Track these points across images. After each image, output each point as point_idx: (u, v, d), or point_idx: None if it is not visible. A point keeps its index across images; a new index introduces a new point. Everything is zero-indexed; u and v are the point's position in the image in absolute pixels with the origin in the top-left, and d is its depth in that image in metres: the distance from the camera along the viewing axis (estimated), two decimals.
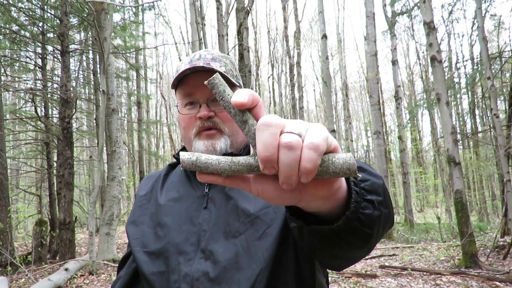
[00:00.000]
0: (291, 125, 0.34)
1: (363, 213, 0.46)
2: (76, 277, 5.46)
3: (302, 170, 0.32)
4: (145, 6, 10.75)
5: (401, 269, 5.24)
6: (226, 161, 0.35)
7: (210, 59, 0.80)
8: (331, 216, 0.47)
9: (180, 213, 0.80)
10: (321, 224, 0.47)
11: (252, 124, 0.36)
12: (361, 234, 0.48)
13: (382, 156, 9.70)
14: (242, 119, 0.36)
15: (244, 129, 0.36)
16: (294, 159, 0.32)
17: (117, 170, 7.05)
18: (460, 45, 21.22)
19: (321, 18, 9.30)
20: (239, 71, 4.50)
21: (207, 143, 0.78)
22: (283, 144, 0.32)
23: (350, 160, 0.33)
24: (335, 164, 0.33)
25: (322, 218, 0.48)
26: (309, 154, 0.32)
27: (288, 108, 20.74)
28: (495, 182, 13.69)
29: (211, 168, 0.35)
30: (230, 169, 0.35)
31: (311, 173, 0.32)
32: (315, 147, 0.32)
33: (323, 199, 0.40)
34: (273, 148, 0.32)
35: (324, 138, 0.33)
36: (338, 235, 0.47)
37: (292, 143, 0.32)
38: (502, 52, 7.68)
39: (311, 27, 25.17)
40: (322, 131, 0.34)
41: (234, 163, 0.35)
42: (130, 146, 15.78)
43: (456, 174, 5.19)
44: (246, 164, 0.35)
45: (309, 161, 0.32)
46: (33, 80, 10.00)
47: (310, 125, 0.35)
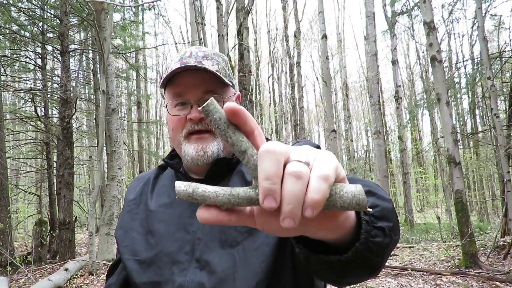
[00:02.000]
0: (298, 153, 0.32)
1: (373, 242, 0.44)
2: (76, 277, 5.46)
3: (309, 202, 0.29)
4: (145, 6, 10.76)
5: (401, 269, 5.24)
6: (225, 194, 0.33)
7: (201, 57, 0.75)
8: (340, 244, 0.44)
9: (172, 220, 0.75)
10: (329, 253, 0.45)
11: (252, 154, 0.33)
12: (370, 263, 0.45)
13: (382, 156, 9.70)
14: (240, 149, 0.33)
15: (244, 160, 0.33)
16: (301, 189, 0.29)
17: (117, 170, 7.05)
18: (460, 45, 21.23)
19: (321, 18, 9.30)
20: (239, 71, 4.54)
21: (198, 147, 0.73)
22: (291, 172, 0.29)
23: (360, 194, 0.31)
24: (343, 198, 0.31)
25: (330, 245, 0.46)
26: (318, 184, 0.29)
27: (288, 108, 20.73)
28: (495, 182, 13.69)
29: (208, 201, 0.33)
30: (229, 202, 0.33)
31: (318, 206, 0.29)
32: (325, 178, 0.30)
33: (331, 230, 0.37)
34: (277, 177, 0.30)
35: (333, 168, 0.31)
36: (347, 265, 0.44)
37: (301, 173, 0.29)
38: (502, 52, 7.68)
39: (311, 27, 25.18)
40: (332, 160, 0.32)
41: (233, 196, 0.33)
42: (130, 146, 15.78)
43: (456, 174, 5.18)
44: (246, 197, 0.33)
45: (318, 192, 0.29)
46: (33, 80, 10.01)
47: (318, 153, 0.33)
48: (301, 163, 0.30)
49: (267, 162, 0.30)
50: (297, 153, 0.32)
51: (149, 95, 16.44)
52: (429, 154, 22.83)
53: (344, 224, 0.38)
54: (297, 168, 0.30)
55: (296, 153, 0.32)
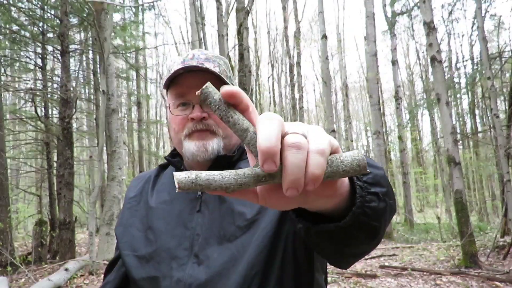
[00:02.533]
0: (294, 125, 0.34)
1: (369, 207, 0.45)
2: (76, 277, 5.46)
3: (310, 176, 0.31)
4: (145, 6, 10.76)
5: (401, 269, 5.25)
6: (231, 175, 0.32)
7: (203, 59, 0.77)
8: (337, 213, 0.46)
9: (172, 217, 0.77)
10: (327, 223, 0.46)
11: (253, 131, 0.33)
12: (369, 228, 0.47)
13: (382, 156, 9.71)
14: (242, 127, 0.34)
15: (246, 138, 0.34)
16: (302, 160, 0.30)
17: (117, 170, 7.05)
18: (460, 45, 21.25)
19: (321, 18, 9.31)
20: (239, 71, 4.55)
21: (199, 144, 0.74)
22: (291, 143, 0.31)
23: (359, 156, 0.32)
24: (345, 163, 0.32)
25: (327, 216, 0.47)
26: (317, 159, 0.31)
27: (288, 108, 20.74)
28: (495, 182, 13.69)
29: (214, 185, 0.32)
30: (236, 182, 0.32)
31: (319, 179, 0.31)
32: (321, 151, 0.31)
33: (328, 197, 0.39)
34: (276, 139, 0.30)
35: (327, 141, 0.33)
36: (346, 231, 0.46)
37: (301, 144, 0.31)
38: (502, 52, 7.68)
39: (311, 27, 25.18)
40: (324, 133, 0.34)
41: (239, 176, 0.32)
42: (130, 146, 15.78)
43: (456, 174, 5.19)
44: (253, 175, 0.32)
45: (317, 166, 0.31)
46: (33, 80, 10.01)
47: (310, 127, 0.34)
48: (299, 135, 0.32)
49: (266, 126, 0.31)
50: (294, 126, 0.33)
51: (149, 95, 16.44)
52: (429, 154, 22.84)
53: (340, 189, 0.40)
54: (297, 139, 0.31)
55: (292, 127, 0.33)
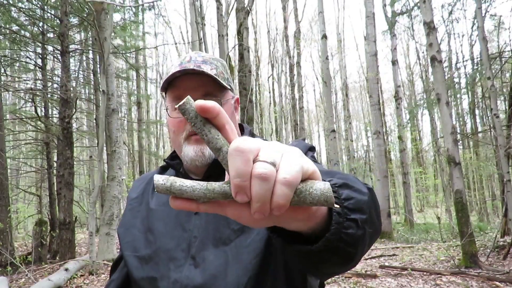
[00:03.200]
0: (265, 152, 0.33)
1: (346, 233, 0.45)
2: (76, 277, 5.46)
3: (275, 205, 0.32)
4: (145, 6, 10.76)
5: (401, 269, 5.25)
6: (201, 188, 0.35)
7: (201, 61, 0.79)
8: (314, 234, 0.45)
9: (171, 218, 0.79)
10: (303, 243, 0.46)
11: (226, 151, 0.34)
12: (343, 253, 0.47)
13: (382, 156, 9.70)
14: (216, 146, 0.35)
15: (219, 157, 0.35)
16: (267, 190, 0.31)
17: (117, 170, 7.05)
18: (460, 45, 21.26)
19: (321, 18, 9.30)
20: (239, 71, 4.55)
21: (196, 148, 0.76)
22: (256, 174, 0.31)
23: (328, 192, 0.33)
24: (312, 196, 0.33)
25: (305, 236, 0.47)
26: (282, 190, 0.31)
27: (288, 108, 20.74)
28: (495, 182, 13.70)
29: (185, 195, 0.35)
30: (205, 196, 0.35)
31: (283, 208, 0.32)
32: (288, 183, 0.31)
33: (302, 221, 0.39)
34: (246, 175, 0.32)
35: (298, 169, 0.33)
36: (319, 254, 0.46)
37: (266, 174, 0.31)
38: (502, 52, 7.68)
39: (311, 27, 25.18)
40: (297, 160, 0.33)
41: (209, 191, 0.34)
42: (130, 146, 15.78)
43: (456, 174, 5.19)
44: (221, 192, 0.34)
45: (282, 197, 0.31)
46: (33, 80, 10.01)
47: (285, 151, 0.34)
48: (266, 163, 0.32)
49: (236, 161, 0.32)
50: (265, 152, 0.33)
51: (149, 95, 16.44)
52: (429, 154, 22.84)
53: (315, 214, 0.40)
54: (263, 170, 0.31)
55: (264, 152, 0.33)
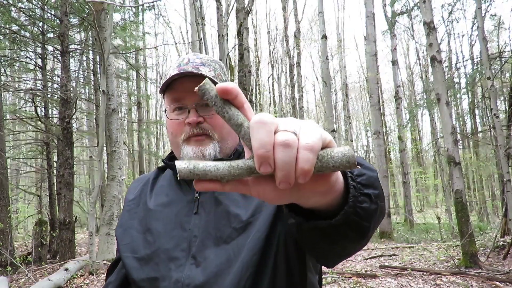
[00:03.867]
0: (285, 123, 0.35)
1: (361, 207, 0.47)
2: (76, 277, 5.46)
3: (300, 171, 0.32)
4: (145, 6, 10.76)
5: (401, 269, 5.24)
6: (225, 166, 0.35)
7: (199, 63, 0.79)
8: (329, 211, 0.47)
9: (170, 218, 0.79)
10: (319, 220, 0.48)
11: (248, 126, 0.35)
12: (359, 227, 0.49)
13: (382, 156, 9.70)
14: (237, 122, 0.35)
15: (241, 132, 0.35)
16: (291, 156, 0.32)
17: (117, 170, 7.05)
18: (460, 45, 21.27)
19: (321, 19, 9.31)
20: (239, 71, 4.57)
21: (196, 149, 0.76)
22: (279, 142, 0.32)
23: (349, 153, 0.33)
24: (335, 159, 0.33)
25: (320, 214, 0.49)
26: (306, 154, 0.32)
27: (288, 108, 20.74)
28: (495, 182, 13.69)
29: (210, 175, 0.35)
30: (229, 174, 0.35)
31: (308, 173, 0.32)
32: (310, 147, 0.32)
33: (322, 194, 0.40)
34: (269, 145, 0.32)
35: (318, 136, 0.34)
36: (337, 229, 0.47)
37: (289, 141, 0.32)
38: (502, 52, 7.68)
39: (311, 27, 25.18)
40: (316, 129, 0.35)
41: (233, 167, 0.35)
42: (130, 146, 15.78)
43: (456, 174, 5.19)
44: (246, 167, 0.35)
45: (306, 162, 0.32)
46: (33, 80, 10.00)
47: (303, 123, 0.36)
48: (288, 132, 0.33)
49: (259, 132, 0.33)
50: (285, 123, 0.34)
51: (149, 95, 16.43)
52: (429, 154, 22.84)
53: (334, 187, 0.41)
54: (286, 137, 0.32)
55: (284, 124, 0.34)
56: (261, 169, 0.33)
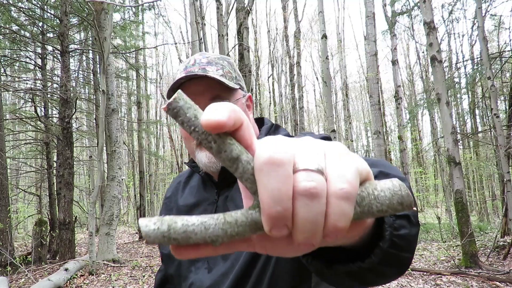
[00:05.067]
0: (305, 156, 0.24)
1: (399, 235, 0.37)
2: (76, 277, 5.46)
3: (331, 229, 0.23)
4: (145, 6, 10.75)
5: None
6: (217, 224, 0.24)
7: (205, 63, 0.75)
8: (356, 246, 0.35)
9: None
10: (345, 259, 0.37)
11: (247, 160, 0.24)
12: (398, 261, 0.38)
13: (382, 156, 9.70)
14: (230, 156, 0.24)
15: (237, 170, 0.24)
16: (319, 212, 0.22)
17: (117, 170, 7.05)
18: (460, 45, 21.23)
19: (321, 18, 9.30)
20: (239, 71, 4.43)
21: (209, 155, 0.73)
22: (303, 191, 0.22)
23: (401, 190, 0.23)
24: (380, 200, 0.24)
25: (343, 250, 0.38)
26: (340, 206, 0.22)
27: (288, 108, 20.73)
28: (495, 182, 13.69)
29: (194, 238, 0.24)
30: (225, 234, 0.24)
31: (343, 232, 0.23)
32: (347, 195, 0.22)
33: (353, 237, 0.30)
34: (287, 199, 0.22)
35: (355, 173, 0.23)
36: (371, 270, 0.37)
37: (316, 189, 0.22)
38: (502, 52, 7.68)
39: (311, 27, 25.18)
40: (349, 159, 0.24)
41: (230, 225, 0.24)
42: (130, 146, 15.77)
43: (456, 174, 5.18)
44: (249, 223, 0.24)
45: (342, 217, 0.23)
46: (33, 80, 10.00)
47: (328, 150, 0.25)
48: (313, 172, 0.23)
49: (272, 179, 0.22)
50: (305, 156, 0.24)
51: (149, 95, 16.41)
52: (429, 154, 22.83)
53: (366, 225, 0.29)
54: (310, 183, 0.22)
55: (303, 157, 0.24)
56: (273, 232, 0.23)
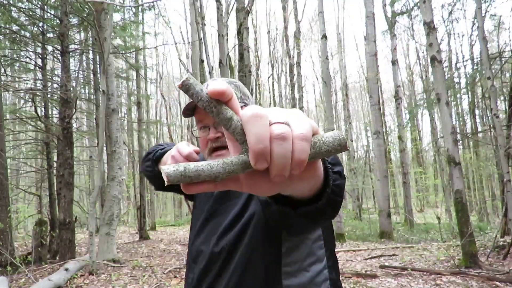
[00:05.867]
0: (276, 114, 0.34)
1: (336, 185, 0.52)
2: (76, 277, 5.46)
3: (296, 161, 0.32)
4: (145, 6, 10.75)
5: (401, 269, 5.24)
6: (219, 164, 0.33)
7: None
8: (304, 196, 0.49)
9: None
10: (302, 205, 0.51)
11: (237, 119, 0.33)
12: (335, 203, 0.55)
13: (382, 156, 9.70)
14: (226, 117, 0.33)
15: (231, 127, 0.34)
16: (288, 149, 0.32)
17: (117, 170, 7.05)
18: (460, 45, 21.26)
19: (321, 18, 9.30)
20: (239, 71, 4.57)
21: None
22: (276, 135, 0.32)
23: (339, 136, 0.34)
24: (326, 143, 0.34)
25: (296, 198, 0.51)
26: (301, 144, 0.32)
27: (288, 108, 20.69)
28: (495, 182, 13.69)
29: (203, 175, 0.33)
30: (224, 171, 0.33)
31: (304, 163, 0.32)
32: (305, 137, 0.32)
33: (309, 180, 0.40)
34: (267, 140, 0.32)
35: (309, 125, 0.34)
36: (321, 210, 0.51)
37: (285, 134, 0.32)
38: (502, 52, 7.68)
39: (311, 27, 25.16)
40: (304, 117, 0.35)
41: (227, 164, 0.33)
42: (130, 146, 15.77)
43: (456, 174, 5.19)
44: (240, 163, 0.33)
45: (302, 152, 0.32)
46: (33, 80, 10.01)
47: (291, 113, 0.35)
48: (282, 124, 0.32)
49: (256, 126, 0.32)
50: (276, 114, 0.34)
51: (149, 95, 16.40)
52: (429, 154, 22.84)
53: (319, 171, 0.41)
54: (282, 129, 0.32)
55: (275, 115, 0.34)
56: (257, 165, 0.32)
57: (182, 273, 5.61)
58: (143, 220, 11.16)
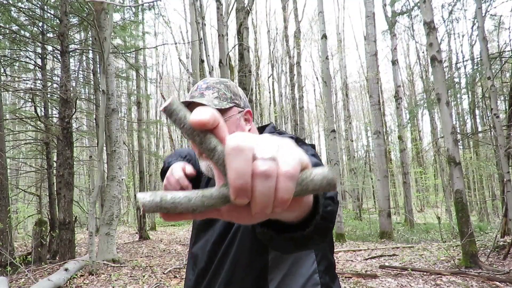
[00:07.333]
0: (263, 148, 0.32)
1: (327, 211, 0.50)
2: (76, 277, 5.46)
3: (279, 201, 0.31)
4: (145, 6, 10.75)
5: (401, 269, 5.24)
6: (197, 197, 0.32)
7: (204, 88, 0.89)
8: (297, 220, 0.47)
9: None
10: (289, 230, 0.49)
11: (221, 150, 0.32)
12: (325, 230, 0.52)
13: (382, 156, 9.70)
14: (209, 147, 0.32)
15: (213, 157, 0.32)
16: (271, 187, 0.30)
17: (117, 170, 7.05)
18: (460, 45, 21.25)
19: (321, 18, 9.30)
20: (239, 71, 4.59)
21: (206, 164, 0.90)
22: (259, 173, 0.30)
23: (329, 175, 0.32)
24: (314, 181, 0.32)
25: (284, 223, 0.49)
26: (286, 184, 0.30)
27: (288, 108, 20.73)
28: (495, 182, 13.69)
29: (180, 207, 0.31)
30: (202, 205, 0.32)
31: (287, 202, 0.31)
32: (291, 176, 0.30)
33: (295, 211, 0.39)
34: (248, 176, 0.30)
35: (297, 161, 0.32)
36: (309, 236, 0.49)
37: (269, 171, 0.30)
38: (502, 52, 7.68)
39: (311, 27, 25.17)
40: (294, 151, 0.33)
41: (206, 198, 0.32)
42: (130, 146, 15.77)
43: (456, 174, 5.18)
44: (220, 196, 0.32)
45: (286, 192, 0.30)
46: (33, 80, 10.00)
47: (280, 145, 0.33)
48: (268, 160, 0.31)
49: (235, 160, 0.30)
50: (262, 148, 0.32)
51: (149, 95, 16.40)
52: (429, 154, 22.83)
53: (306, 201, 0.40)
54: (265, 167, 0.30)
55: (261, 148, 0.32)
56: (237, 200, 0.31)
57: (182, 273, 5.61)
58: (143, 220, 11.16)
